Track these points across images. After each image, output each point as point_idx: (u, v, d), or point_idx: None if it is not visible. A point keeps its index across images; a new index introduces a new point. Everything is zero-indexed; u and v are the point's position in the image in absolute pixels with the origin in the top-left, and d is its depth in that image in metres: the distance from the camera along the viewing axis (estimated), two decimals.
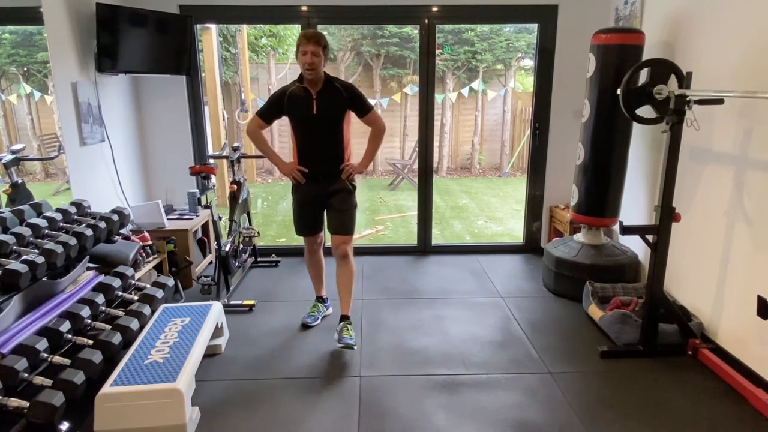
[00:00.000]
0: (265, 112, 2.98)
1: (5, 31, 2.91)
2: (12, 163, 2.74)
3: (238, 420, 2.36)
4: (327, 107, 2.86)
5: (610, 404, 2.46)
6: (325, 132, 2.92)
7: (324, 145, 2.95)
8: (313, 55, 2.73)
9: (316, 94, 2.85)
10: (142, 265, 3.22)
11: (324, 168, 2.97)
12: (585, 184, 3.53)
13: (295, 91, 2.88)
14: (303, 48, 2.74)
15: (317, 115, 2.87)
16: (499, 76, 9.85)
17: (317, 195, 3.01)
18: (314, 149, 2.96)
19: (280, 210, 7.26)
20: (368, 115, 2.96)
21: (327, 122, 2.90)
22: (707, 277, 2.91)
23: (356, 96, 2.92)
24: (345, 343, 2.85)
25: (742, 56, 2.64)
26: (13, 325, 2.20)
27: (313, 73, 2.78)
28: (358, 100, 2.92)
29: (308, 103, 2.85)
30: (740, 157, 2.65)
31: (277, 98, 2.93)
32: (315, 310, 3.31)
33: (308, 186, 3.00)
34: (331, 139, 2.94)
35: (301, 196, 3.06)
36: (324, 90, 2.86)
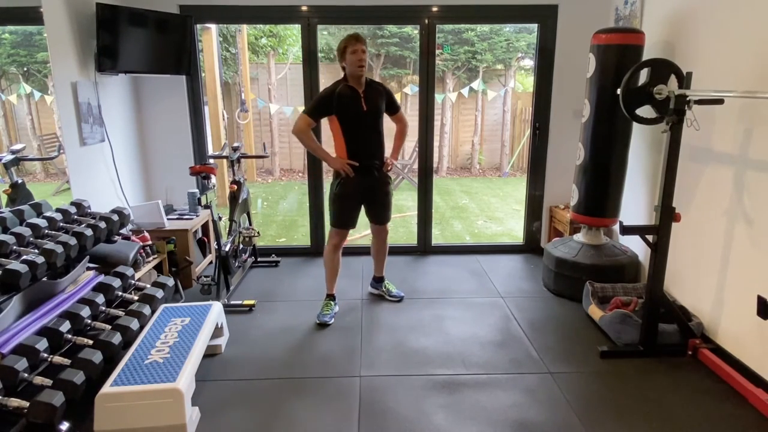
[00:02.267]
0: (314, 111, 3.10)
1: (5, 31, 2.91)
2: (12, 163, 2.75)
3: (238, 420, 2.36)
4: (373, 104, 3.11)
5: (610, 404, 2.46)
6: (372, 127, 3.16)
7: (373, 140, 3.18)
8: (362, 53, 3.00)
9: (362, 92, 3.08)
10: (142, 265, 3.22)
11: (372, 161, 3.19)
12: (585, 184, 3.53)
13: (343, 90, 3.07)
14: (354, 47, 2.98)
15: (367, 112, 3.09)
16: (499, 76, 9.84)
17: (364, 188, 3.23)
18: (365, 144, 3.16)
19: (280, 210, 7.25)
20: (398, 113, 3.30)
21: (374, 118, 3.14)
22: (707, 277, 2.91)
23: (391, 94, 3.24)
24: (398, 296, 3.55)
25: (742, 56, 2.64)
26: (13, 325, 2.20)
27: (363, 70, 3.03)
28: (392, 99, 3.25)
29: (358, 101, 3.07)
30: (740, 157, 2.65)
31: (326, 97, 3.08)
32: (329, 308, 3.36)
33: (356, 179, 3.17)
34: (378, 133, 3.20)
35: (348, 189, 3.19)
36: (368, 88, 3.11)
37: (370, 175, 3.20)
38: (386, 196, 3.34)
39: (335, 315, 3.35)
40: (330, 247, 3.35)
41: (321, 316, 3.29)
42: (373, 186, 3.25)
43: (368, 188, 3.25)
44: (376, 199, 3.31)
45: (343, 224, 3.27)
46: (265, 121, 9.32)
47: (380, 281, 3.65)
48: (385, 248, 3.56)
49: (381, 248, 3.54)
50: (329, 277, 3.42)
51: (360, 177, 3.17)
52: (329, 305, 3.37)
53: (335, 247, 3.33)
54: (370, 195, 3.28)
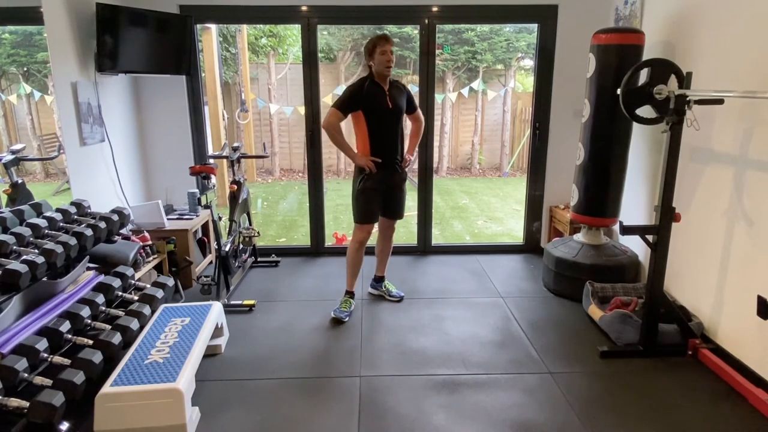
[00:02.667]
0: (344, 106, 3.14)
1: (5, 31, 2.91)
2: (12, 163, 2.74)
3: (238, 420, 2.36)
4: (397, 102, 3.20)
5: (610, 404, 2.46)
6: (396, 124, 3.25)
7: (396, 136, 3.27)
8: (391, 53, 3.10)
9: (388, 90, 3.17)
10: (142, 265, 3.22)
11: (394, 158, 3.28)
12: (585, 184, 3.53)
13: (370, 87, 3.15)
14: (383, 48, 3.07)
15: (392, 109, 3.18)
16: (499, 76, 9.84)
17: (386, 184, 3.30)
18: (389, 140, 3.24)
19: (280, 210, 7.26)
20: (416, 112, 3.40)
21: (398, 115, 3.23)
22: (707, 277, 2.91)
23: (410, 93, 3.34)
24: (398, 296, 3.57)
25: (742, 56, 2.64)
26: (13, 325, 2.20)
27: (391, 71, 3.14)
28: (411, 97, 3.34)
29: (384, 98, 3.15)
30: (740, 157, 2.65)
31: (355, 93, 3.14)
32: (348, 305, 3.38)
33: (379, 175, 3.24)
34: (400, 131, 3.29)
35: (372, 185, 3.25)
36: (392, 87, 3.21)
37: (392, 171, 3.29)
38: (403, 192, 3.45)
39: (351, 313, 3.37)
40: (356, 244, 3.35)
41: (338, 311, 3.32)
42: (394, 182, 3.34)
43: (390, 184, 3.32)
44: (394, 195, 3.38)
45: (369, 219, 3.33)
46: (265, 121, 9.32)
47: (380, 281, 3.67)
48: (390, 246, 3.62)
49: (386, 246, 3.60)
50: (351, 274, 3.44)
51: (383, 173, 3.24)
52: (348, 302, 3.40)
53: (361, 243, 3.35)
54: (389, 191, 3.34)
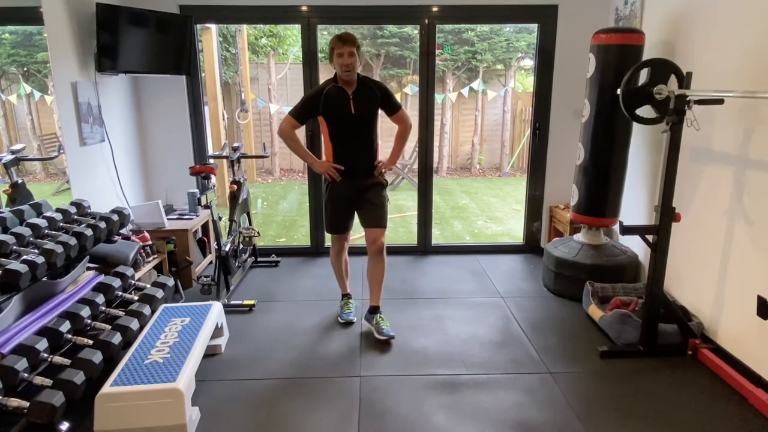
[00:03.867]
0: (299, 113, 2.98)
1: (5, 31, 2.91)
2: (12, 163, 2.74)
3: (238, 420, 2.36)
4: (363, 106, 2.94)
5: (610, 404, 2.46)
6: (362, 130, 3.00)
7: (361, 144, 3.02)
8: (349, 56, 2.82)
9: (352, 93, 2.92)
10: (142, 265, 3.22)
11: (361, 166, 3.05)
12: (585, 184, 3.53)
13: (331, 91, 2.93)
14: (339, 50, 2.82)
15: (355, 114, 2.93)
16: (499, 76, 9.84)
17: (353, 192, 3.07)
18: (352, 148, 3.02)
19: (280, 210, 7.25)
20: (398, 113, 3.07)
21: (364, 121, 2.98)
22: (707, 277, 2.91)
23: (387, 94, 3.03)
24: (387, 335, 3.03)
25: (742, 56, 2.64)
26: (13, 325, 2.20)
27: (351, 74, 2.87)
28: (389, 99, 3.03)
29: (346, 103, 2.92)
30: (740, 157, 2.65)
31: (312, 98, 2.96)
32: (349, 306, 3.33)
33: (344, 184, 3.05)
34: (367, 137, 3.02)
35: (337, 194, 3.09)
36: (359, 89, 2.93)
37: (356, 180, 3.05)
38: (377, 196, 3.08)
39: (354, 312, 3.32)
40: (331, 252, 3.30)
41: (344, 315, 3.27)
42: (360, 189, 3.07)
43: (356, 192, 3.07)
44: (365, 201, 3.07)
45: (334, 229, 3.19)
46: (265, 121, 9.32)
47: (374, 312, 3.16)
48: (380, 270, 3.11)
49: (375, 271, 3.11)
50: (338, 279, 3.39)
51: (347, 181, 3.04)
52: (348, 304, 3.34)
53: (336, 252, 3.27)
54: (359, 199, 3.08)
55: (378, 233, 3.05)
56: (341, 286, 3.41)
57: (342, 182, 3.04)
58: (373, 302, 3.19)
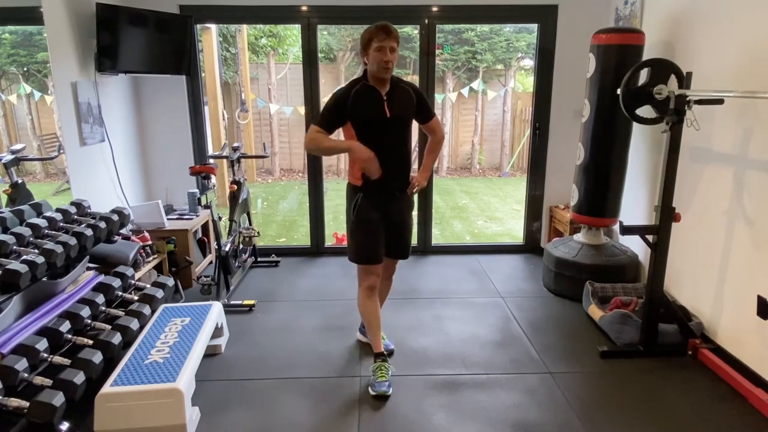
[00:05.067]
0: (326, 121, 2.47)
1: (5, 31, 2.91)
2: (12, 163, 2.74)
3: (238, 420, 2.36)
4: (400, 109, 2.50)
5: (610, 404, 2.46)
6: (398, 138, 2.54)
7: (397, 154, 2.54)
8: (391, 52, 2.39)
9: (386, 94, 2.48)
10: (142, 265, 3.22)
11: (396, 181, 2.57)
12: (585, 184, 3.53)
13: (361, 90, 2.47)
14: (380, 43, 2.36)
15: (391, 118, 2.47)
16: (499, 76, 9.84)
17: (386, 212, 2.60)
18: (386, 159, 2.47)
19: (280, 210, 7.26)
20: (431, 122, 2.64)
21: (400, 127, 2.53)
22: (707, 277, 2.91)
23: (423, 99, 2.60)
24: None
25: (742, 56, 2.64)
26: (13, 325, 2.20)
27: (390, 72, 2.44)
28: (425, 104, 2.60)
29: (379, 104, 2.46)
30: (740, 157, 2.65)
31: (339, 99, 2.47)
32: (383, 371, 2.58)
33: (376, 202, 2.56)
34: (404, 146, 2.58)
35: (368, 215, 2.56)
36: (393, 90, 2.50)
37: (390, 197, 2.58)
38: (409, 220, 2.72)
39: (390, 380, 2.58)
40: (364, 292, 2.65)
41: (377, 386, 2.51)
42: (392, 210, 2.60)
43: (389, 212, 2.61)
44: (394, 224, 2.64)
45: (369, 258, 2.60)
46: (265, 121, 9.32)
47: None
48: (389, 289, 2.94)
49: (384, 288, 2.86)
50: (371, 330, 2.70)
51: (379, 199, 2.56)
52: (382, 368, 2.58)
53: (370, 290, 2.64)
54: (391, 223, 2.63)
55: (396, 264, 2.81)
56: (374, 341, 2.69)
57: (373, 200, 2.56)
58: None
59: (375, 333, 2.69)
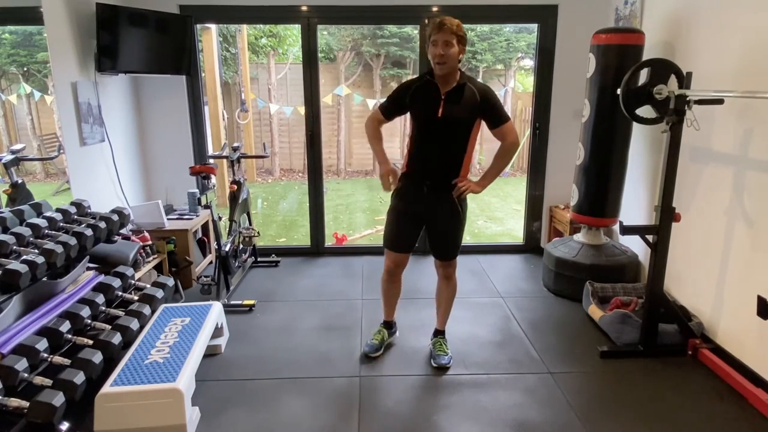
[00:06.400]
0: (387, 106, 2.61)
1: (5, 31, 2.91)
2: (12, 163, 2.74)
3: (238, 420, 2.36)
4: (455, 111, 2.46)
5: (610, 404, 2.46)
6: (446, 139, 2.51)
7: (441, 154, 2.54)
8: (445, 46, 2.35)
9: (446, 93, 2.46)
10: (142, 265, 3.22)
11: (434, 179, 2.57)
12: (585, 184, 3.53)
13: (422, 86, 2.51)
14: (434, 37, 2.37)
15: (441, 118, 2.46)
16: (499, 76, 9.84)
17: (421, 208, 2.64)
18: (429, 156, 2.55)
19: (280, 210, 7.26)
20: (502, 127, 2.53)
21: (452, 128, 2.50)
22: (707, 277, 2.91)
23: (492, 103, 2.50)
24: (438, 364, 2.75)
25: (742, 56, 2.64)
26: (13, 325, 2.20)
27: (445, 68, 2.39)
28: (493, 108, 2.51)
29: (435, 103, 2.46)
30: (740, 157, 2.65)
31: (401, 90, 2.56)
32: (379, 337, 2.91)
33: (411, 195, 2.63)
34: (452, 148, 2.54)
35: (399, 205, 2.68)
36: (456, 90, 2.46)
37: (426, 194, 2.60)
38: (446, 222, 2.65)
39: (383, 345, 2.92)
40: (384, 273, 2.82)
41: (367, 345, 2.89)
42: (430, 207, 2.63)
43: (425, 209, 2.64)
44: (432, 226, 2.69)
45: (390, 244, 2.72)
46: (265, 121, 9.32)
47: (436, 335, 2.92)
48: (450, 296, 2.86)
49: (443, 292, 2.86)
50: (384, 304, 2.96)
51: (414, 193, 2.62)
52: (381, 333, 2.93)
53: (388, 273, 2.80)
54: (429, 218, 2.67)
55: (445, 265, 2.76)
56: (385, 310, 2.96)
57: (410, 194, 2.62)
58: (437, 325, 2.93)
59: (386, 305, 2.97)
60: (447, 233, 2.68)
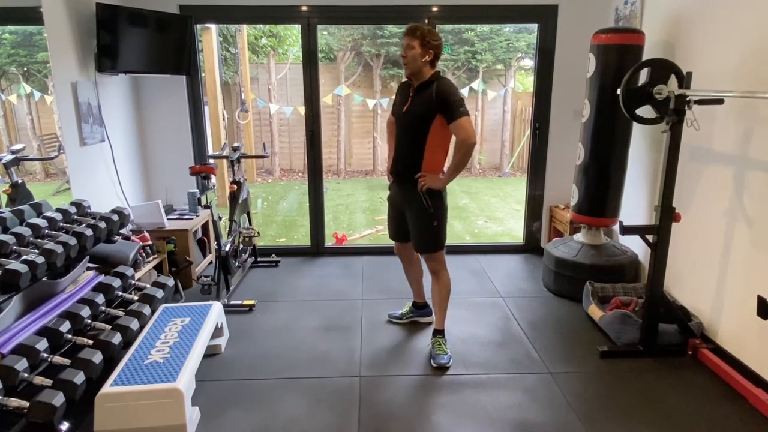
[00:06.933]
0: (392, 106, 2.93)
1: (5, 31, 2.91)
2: (12, 163, 2.74)
3: (238, 420, 2.36)
4: (417, 106, 2.68)
5: (610, 404, 2.46)
6: (408, 132, 2.74)
7: (404, 147, 2.77)
8: (407, 48, 2.63)
9: (414, 90, 2.71)
10: (142, 265, 3.22)
11: (402, 171, 2.80)
12: (585, 184, 3.53)
13: (404, 85, 2.81)
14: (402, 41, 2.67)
15: (405, 113, 2.72)
16: (499, 76, 9.84)
17: (397, 200, 2.90)
18: (398, 148, 2.81)
19: (280, 210, 7.26)
20: (453, 124, 2.60)
21: (412, 122, 2.70)
22: (707, 277, 2.91)
23: (445, 100, 2.59)
24: (437, 364, 2.76)
25: (742, 56, 2.64)
26: (13, 325, 2.20)
27: (409, 68, 2.66)
28: (445, 105, 2.60)
29: (406, 99, 2.74)
30: (740, 157, 2.65)
31: (396, 91, 2.89)
32: (405, 309, 3.27)
33: (392, 188, 2.95)
34: (412, 141, 2.72)
35: (389, 197, 3.02)
36: (420, 87, 2.68)
37: (400, 185, 2.84)
38: (415, 218, 2.81)
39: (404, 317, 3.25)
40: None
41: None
42: (405, 199, 2.83)
43: (399, 200, 2.90)
44: (401, 215, 2.91)
45: (388, 232, 3.11)
46: (265, 121, 9.32)
47: (435, 335, 2.93)
48: (436, 293, 2.90)
49: (433, 287, 2.93)
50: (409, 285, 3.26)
51: (394, 185, 2.91)
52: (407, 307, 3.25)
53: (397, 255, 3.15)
54: (402, 210, 2.90)
55: (425, 258, 2.89)
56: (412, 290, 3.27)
57: (391, 186, 2.95)
58: (434, 324, 2.97)
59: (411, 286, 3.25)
60: (416, 227, 2.84)
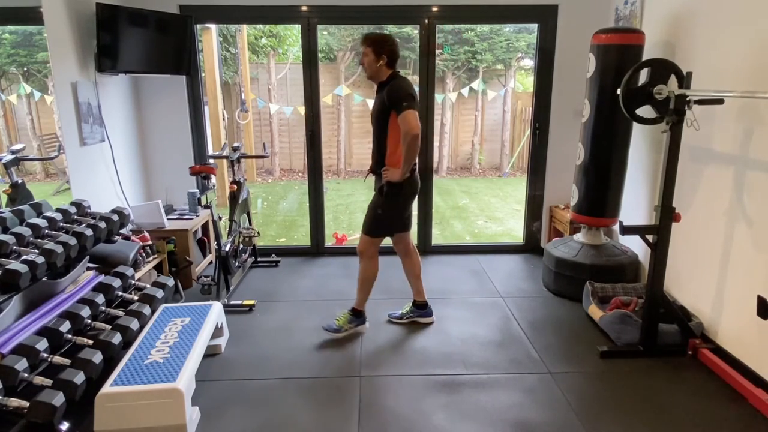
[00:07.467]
0: None
1: (5, 31, 2.91)
2: (12, 163, 2.74)
3: (238, 420, 2.36)
4: (376, 104, 2.93)
5: (610, 404, 2.46)
6: (374, 129, 2.97)
7: (373, 143, 3.01)
8: (363, 56, 2.88)
9: (376, 91, 2.96)
10: (142, 265, 3.22)
11: (372, 166, 3.06)
12: (585, 184, 3.53)
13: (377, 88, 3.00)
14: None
15: (371, 111, 2.99)
16: (499, 76, 9.84)
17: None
18: (371, 146, 3.05)
19: (280, 210, 7.25)
20: (399, 117, 2.76)
21: (375, 120, 2.94)
22: (707, 277, 2.91)
23: (390, 96, 2.78)
24: (326, 326, 3.11)
25: (742, 56, 2.64)
26: (13, 325, 2.20)
27: (367, 73, 2.91)
28: (391, 100, 2.78)
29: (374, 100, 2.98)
30: (740, 157, 2.65)
31: None
32: (406, 308, 3.33)
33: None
34: (377, 137, 2.97)
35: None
36: (380, 88, 2.91)
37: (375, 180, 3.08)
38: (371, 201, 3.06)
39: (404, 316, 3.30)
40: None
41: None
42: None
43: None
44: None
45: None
46: (265, 121, 9.32)
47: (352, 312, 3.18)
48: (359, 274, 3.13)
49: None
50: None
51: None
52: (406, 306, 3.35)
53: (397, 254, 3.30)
54: None
55: (361, 237, 3.09)
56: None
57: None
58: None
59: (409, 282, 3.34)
60: (367, 209, 3.07)
